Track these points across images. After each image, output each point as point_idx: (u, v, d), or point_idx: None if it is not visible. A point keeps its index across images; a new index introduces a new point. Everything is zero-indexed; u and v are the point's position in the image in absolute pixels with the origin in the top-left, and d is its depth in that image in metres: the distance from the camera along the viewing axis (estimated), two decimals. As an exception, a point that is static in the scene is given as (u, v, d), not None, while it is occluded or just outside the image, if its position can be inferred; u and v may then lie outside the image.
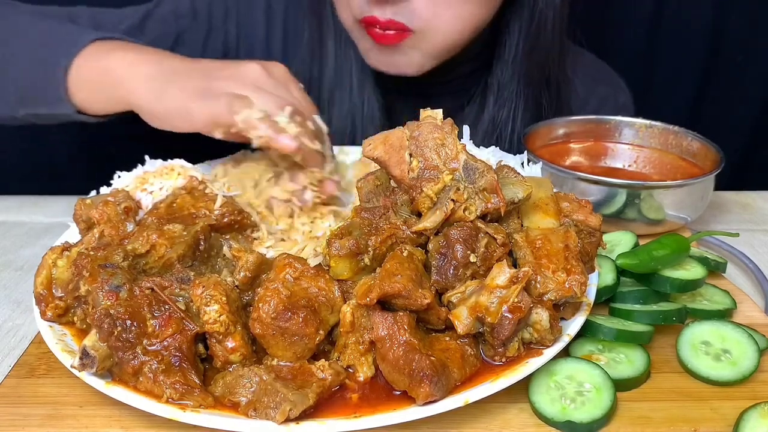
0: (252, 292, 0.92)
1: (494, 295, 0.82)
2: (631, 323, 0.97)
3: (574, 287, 0.86)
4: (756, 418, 0.82)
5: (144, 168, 1.20)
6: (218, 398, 0.81)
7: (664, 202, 1.23)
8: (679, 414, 0.86)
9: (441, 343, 0.85)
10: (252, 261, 0.92)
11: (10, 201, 1.54)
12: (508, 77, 1.51)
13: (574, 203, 1.01)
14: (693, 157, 1.38)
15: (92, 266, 0.88)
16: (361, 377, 0.85)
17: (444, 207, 0.88)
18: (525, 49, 1.47)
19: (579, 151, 1.46)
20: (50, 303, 0.93)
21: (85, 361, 0.81)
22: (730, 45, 2.25)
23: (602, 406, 0.84)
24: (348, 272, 0.90)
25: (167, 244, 0.95)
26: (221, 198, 1.05)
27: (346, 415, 0.79)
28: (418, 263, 0.87)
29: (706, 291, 1.10)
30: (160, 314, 0.84)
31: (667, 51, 2.29)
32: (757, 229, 1.41)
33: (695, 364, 0.92)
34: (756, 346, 0.92)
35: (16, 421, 0.86)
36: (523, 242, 0.91)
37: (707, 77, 2.32)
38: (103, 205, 1.02)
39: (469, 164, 0.91)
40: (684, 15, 2.23)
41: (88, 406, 0.88)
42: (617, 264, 1.04)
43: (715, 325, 0.96)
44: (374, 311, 0.84)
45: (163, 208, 1.05)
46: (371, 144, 0.96)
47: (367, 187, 1.01)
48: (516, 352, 0.84)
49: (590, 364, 0.89)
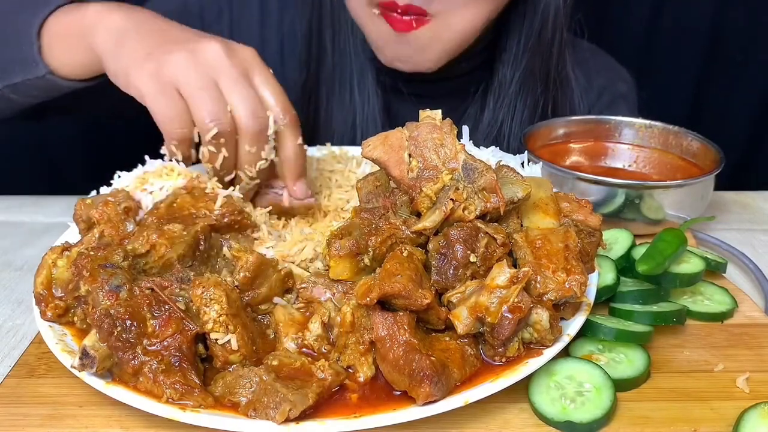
0: (252, 292, 0.92)
1: (494, 295, 0.82)
2: (631, 323, 0.97)
3: (574, 287, 0.86)
4: (756, 418, 0.82)
5: (144, 168, 1.19)
6: (218, 398, 0.81)
7: (663, 202, 1.23)
8: (679, 414, 0.86)
9: (441, 343, 0.85)
10: (252, 261, 0.92)
11: (10, 201, 1.54)
12: (509, 77, 1.50)
13: (574, 203, 1.01)
14: (693, 157, 1.38)
15: (92, 266, 0.88)
16: (361, 377, 0.85)
17: (443, 207, 0.88)
18: (526, 47, 1.47)
19: (579, 151, 1.46)
20: (50, 303, 0.93)
21: (85, 361, 0.81)
22: (730, 45, 2.26)
23: (602, 406, 0.84)
24: (348, 272, 0.90)
25: (167, 244, 0.95)
26: (221, 198, 1.05)
27: (346, 415, 0.79)
28: (418, 263, 0.87)
29: (707, 290, 1.10)
30: (160, 314, 0.84)
31: (667, 51, 2.29)
32: (757, 229, 1.41)
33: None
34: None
35: (16, 421, 0.86)
36: (523, 242, 0.91)
37: (707, 77, 2.32)
38: (103, 205, 1.02)
39: (469, 164, 0.91)
40: (684, 15, 2.23)
41: (88, 406, 0.88)
42: (640, 272, 1.03)
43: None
44: (374, 311, 0.84)
45: (163, 208, 1.05)
46: (370, 145, 0.96)
47: (366, 187, 1.01)
48: (516, 352, 0.84)
49: (590, 364, 0.89)
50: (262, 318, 0.93)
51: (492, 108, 1.54)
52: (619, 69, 1.77)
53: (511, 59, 1.49)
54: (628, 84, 1.75)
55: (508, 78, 1.51)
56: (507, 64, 1.50)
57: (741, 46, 2.25)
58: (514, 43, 1.48)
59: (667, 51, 2.29)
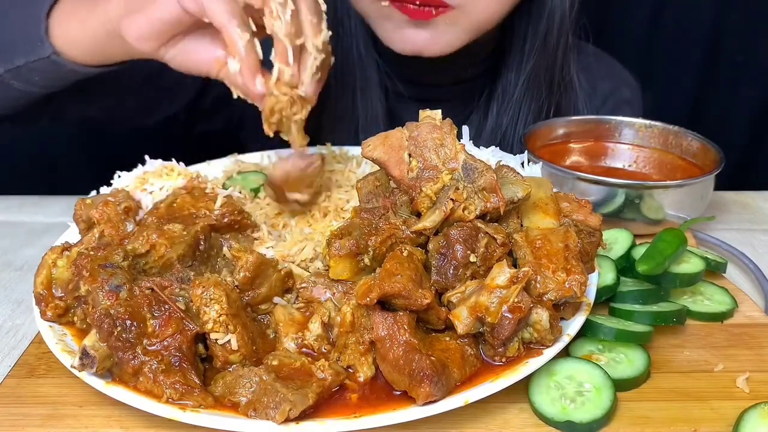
0: (252, 292, 0.92)
1: (494, 295, 0.82)
2: (631, 323, 0.97)
3: (574, 287, 0.86)
4: (756, 418, 0.82)
5: (144, 168, 1.20)
6: (218, 398, 0.81)
7: (663, 202, 1.23)
8: (679, 414, 0.86)
9: (441, 343, 0.85)
10: (252, 261, 0.92)
11: (10, 201, 1.54)
12: (514, 81, 1.50)
13: (574, 203, 1.01)
14: (693, 157, 1.38)
15: (92, 266, 0.88)
16: (361, 377, 0.85)
17: (443, 206, 0.88)
18: (532, 51, 1.47)
19: (579, 151, 1.46)
20: (50, 303, 0.93)
21: (85, 361, 0.81)
22: (730, 45, 2.26)
23: (602, 406, 0.84)
24: (348, 272, 0.90)
25: (167, 244, 0.95)
26: (221, 198, 1.05)
27: (346, 415, 0.79)
28: (418, 263, 0.87)
29: (707, 290, 1.10)
30: (160, 314, 0.84)
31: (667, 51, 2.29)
32: (757, 229, 1.41)
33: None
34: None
35: (16, 421, 0.86)
36: (523, 242, 0.91)
37: (707, 77, 2.32)
38: (103, 205, 1.02)
39: (468, 164, 0.91)
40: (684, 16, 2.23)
41: (88, 406, 0.88)
42: (640, 272, 1.03)
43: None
44: (374, 311, 0.84)
45: (163, 208, 1.05)
46: (370, 145, 0.96)
47: (366, 187, 1.01)
48: (516, 352, 0.84)
49: (590, 364, 0.89)
50: (262, 318, 0.93)
51: (496, 114, 1.54)
52: (623, 74, 1.76)
53: (516, 63, 1.49)
54: (633, 89, 1.75)
55: (512, 83, 1.50)
56: (512, 69, 1.50)
57: (741, 47, 2.25)
58: (519, 47, 1.48)
59: (667, 52, 2.29)
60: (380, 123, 1.53)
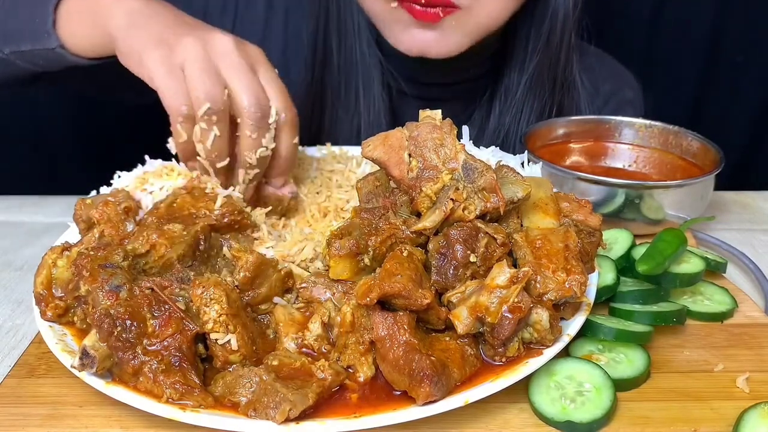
0: (252, 292, 0.92)
1: (494, 295, 0.82)
2: (631, 323, 0.97)
3: (574, 287, 0.86)
4: (756, 418, 0.82)
5: (144, 168, 1.20)
6: (218, 398, 0.81)
7: (663, 202, 1.23)
8: (679, 414, 0.86)
9: (441, 343, 0.85)
10: (252, 261, 0.92)
11: (10, 201, 1.54)
12: (516, 82, 1.50)
13: (574, 203, 1.01)
14: (693, 157, 1.38)
15: (92, 266, 0.88)
16: (361, 377, 0.85)
17: (443, 206, 0.88)
18: (535, 51, 1.47)
19: (579, 151, 1.46)
20: (50, 303, 0.93)
21: (85, 361, 0.81)
22: (730, 45, 2.26)
23: (602, 406, 0.84)
24: (348, 272, 0.90)
25: (167, 244, 0.95)
26: (221, 198, 1.05)
27: (346, 415, 0.79)
28: (418, 263, 0.87)
29: (707, 290, 1.10)
30: (160, 314, 0.84)
31: (667, 51, 2.29)
32: (757, 229, 1.41)
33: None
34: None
35: (16, 421, 0.86)
36: (523, 242, 0.91)
37: (707, 77, 2.32)
38: (103, 205, 1.02)
39: (468, 164, 0.91)
40: (684, 16, 2.23)
41: (88, 406, 0.88)
42: (640, 272, 1.03)
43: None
44: (374, 311, 0.84)
45: (163, 208, 1.05)
46: (370, 145, 0.96)
47: (366, 187, 1.01)
48: (516, 352, 0.84)
49: (590, 364, 0.89)
50: (262, 318, 0.93)
51: (498, 113, 1.54)
52: (626, 75, 1.76)
53: (519, 63, 1.49)
54: (635, 90, 1.75)
55: (515, 82, 1.50)
56: (515, 68, 1.50)
57: (741, 47, 2.25)
58: (523, 47, 1.48)
59: (667, 52, 2.29)
60: (382, 122, 1.53)
